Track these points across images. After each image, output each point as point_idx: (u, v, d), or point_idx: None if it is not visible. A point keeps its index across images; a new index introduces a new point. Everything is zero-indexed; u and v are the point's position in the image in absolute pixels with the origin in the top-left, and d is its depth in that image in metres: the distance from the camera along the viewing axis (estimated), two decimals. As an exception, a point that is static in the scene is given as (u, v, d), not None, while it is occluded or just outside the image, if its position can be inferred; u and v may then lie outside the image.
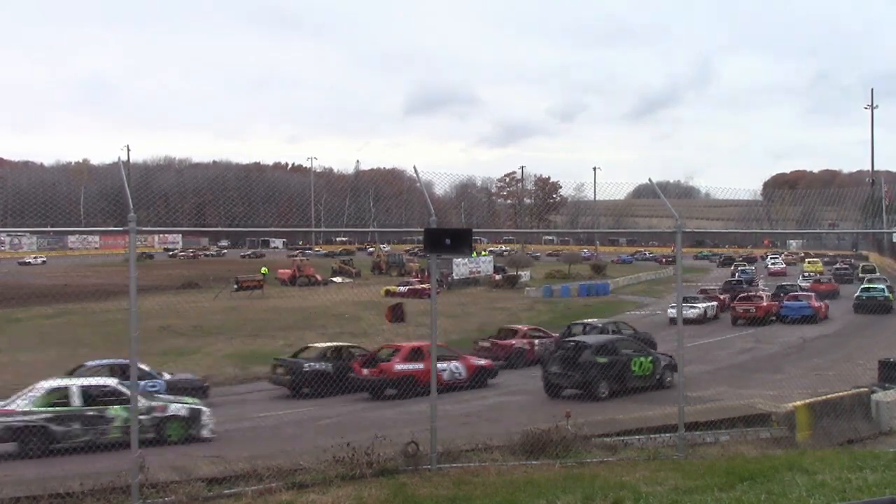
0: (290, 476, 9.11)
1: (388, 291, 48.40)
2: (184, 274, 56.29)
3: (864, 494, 7.48)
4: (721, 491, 7.85)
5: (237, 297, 45.75)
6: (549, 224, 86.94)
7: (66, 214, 64.73)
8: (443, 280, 50.97)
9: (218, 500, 8.62)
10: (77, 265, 70.75)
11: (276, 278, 56.19)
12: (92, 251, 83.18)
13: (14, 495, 8.46)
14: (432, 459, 9.74)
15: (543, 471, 9.69)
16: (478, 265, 59.16)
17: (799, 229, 35.36)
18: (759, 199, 69.40)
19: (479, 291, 53.58)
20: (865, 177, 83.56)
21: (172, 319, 33.02)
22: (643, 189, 38.78)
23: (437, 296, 10.89)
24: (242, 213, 74.60)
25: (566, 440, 10.71)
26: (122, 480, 8.61)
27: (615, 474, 9.07)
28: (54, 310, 38.74)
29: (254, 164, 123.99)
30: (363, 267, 66.66)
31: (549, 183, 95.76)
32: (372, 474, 9.27)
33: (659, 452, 10.87)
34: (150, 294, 36.24)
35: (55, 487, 8.46)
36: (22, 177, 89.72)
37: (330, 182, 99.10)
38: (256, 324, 34.49)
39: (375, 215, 71.56)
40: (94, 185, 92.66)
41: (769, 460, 9.78)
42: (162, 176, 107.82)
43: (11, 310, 37.72)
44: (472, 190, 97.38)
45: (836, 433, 13.98)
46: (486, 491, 8.54)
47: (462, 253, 10.10)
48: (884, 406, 15.09)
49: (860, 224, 32.72)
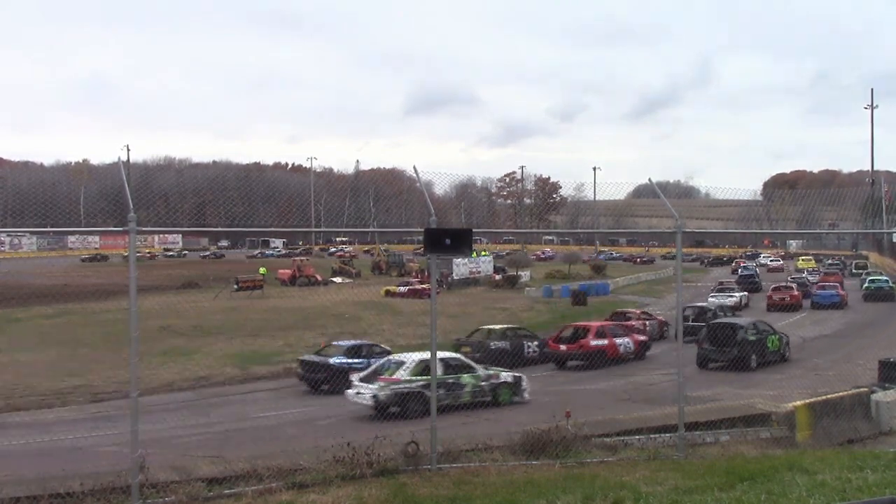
0: (290, 476, 9.11)
1: (389, 291, 48.40)
2: (184, 274, 56.26)
3: (864, 494, 7.47)
4: (721, 491, 7.85)
5: (237, 297, 45.75)
6: (549, 224, 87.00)
7: (66, 214, 64.76)
8: (443, 280, 50.96)
9: (218, 500, 8.62)
10: (77, 265, 70.74)
11: (276, 278, 56.18)
12: (92, 251, 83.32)
13: (14, 495, 8.45)
14: (432, 459, 9.74)
15: (543, 471, 9.69)
16: (478, 265, 59.14)
17: (799, 229, 35.43)
18: (758, 199, 69.50)
19: (479, 291, 53.56)
20: (865, 177, 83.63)
21: (172, 319, 33.01)
22: (643, 189, 38.85)
23: (436, 296, 10.89)
24: (242, 213, 74.69)
25: (566, 440, 10.70)
26: (122, 480, 8.61)
27: (615, 474, 9.06)
28: (54, 310, 38.72)
29: (254, 164, 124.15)
30: (363, 267, 66.66)
31: (549, 183, 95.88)
32: (372, 474, 9.27)
33: (659, 452, 10.87)
34: (150, 294, 36.24)
35: (55, 487, 8.45)
36: (22, 177, 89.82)
37: (330, 182, 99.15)
38: (256, 324, 34.48)
39: (375, 215, 71.57)
40: (94, 185, 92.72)
41: (769, 460, 9.78)
42: (162, 176, 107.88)
43: (11, 310, 37.70)
44: (472, 190, 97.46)
45: (836, 433, 13.98)
46: (487, 491, 8.54)
47: (462, 253, 10.10)
48: (884, 406, 15.10)
49: (860, 224, 32.75)
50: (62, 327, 33.82)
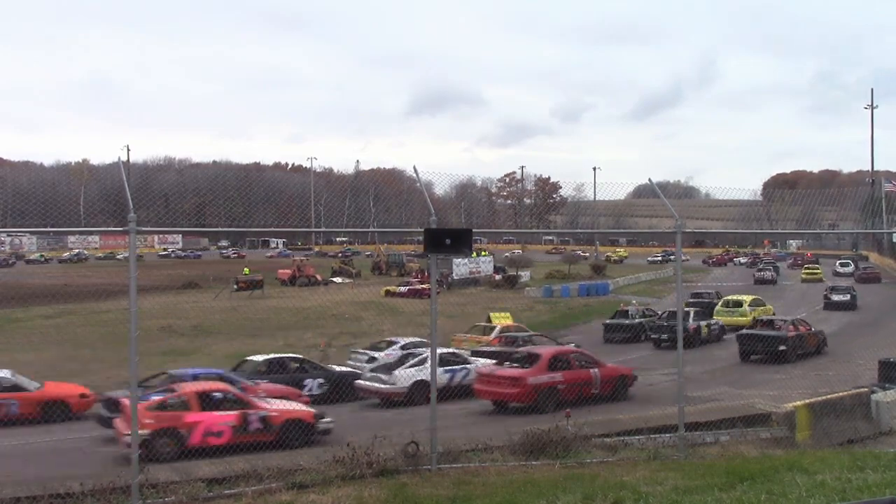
0: (290, 476, 9.12)
1: (388, 291, 48.38)
2: (184, 274, 56.25)
3: (864, 494, 7.47)
4: (721, 491, 7.85)
5: (237, 297, 45.73)
6: (549, 224, 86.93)
7: (66, 214, 64.75)
8: (443, 280, 50.92)
9: (218, 500, 8.62)
10: (76, 266, 70.73)
11: (276, 278, 56.18)
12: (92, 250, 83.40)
13: (14, 495, 8.47)
14: (432, 459, 9.74)
15: (543, 471, 9.68)
16: (478, 265, 59.12)
17: (799, 229, 35.39)
18: (758, 199, 69.36)
19: (479, 291, 53.51)
20: (865, 177, 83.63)
21: (172, 319, 32.99)
22: (643, 189, 38.81)
23: (436, 296, 10.89)
24: (242, 213, 74.65)
25: (566, 440, 10.71)
26: (122, 480, 8.62)
27: (615, 474, 9.06)
28: (54, 310, 38.69)
29: (254, 164, 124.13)
30: (363, 267, 66.62)
31: (549, 183, 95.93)
32: (372, 474, 9.27)
33: (659, 452, 10.87)
34: (150, 294, 36.23)
35: (55, 487, 8.47)
36: (22, 177, 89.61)
37: (330, 182, 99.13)
38: (256, 324, 34.47)
39: (375, 215, 71.55)
40: (94, 185, 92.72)
41: (769, 460, 9.77)
42: (162, 176, 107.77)
43: (11, 310, 37.68)
44: (472, 190, 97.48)
45: (836, 433, 13.98)
46: (487, 491, 8.54)
47: (462, 253, 10.11)
48: (884, 406, 15.09)
49: (860, 224, 32.72)
50: (62, 327, 33.78)
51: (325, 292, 47.41)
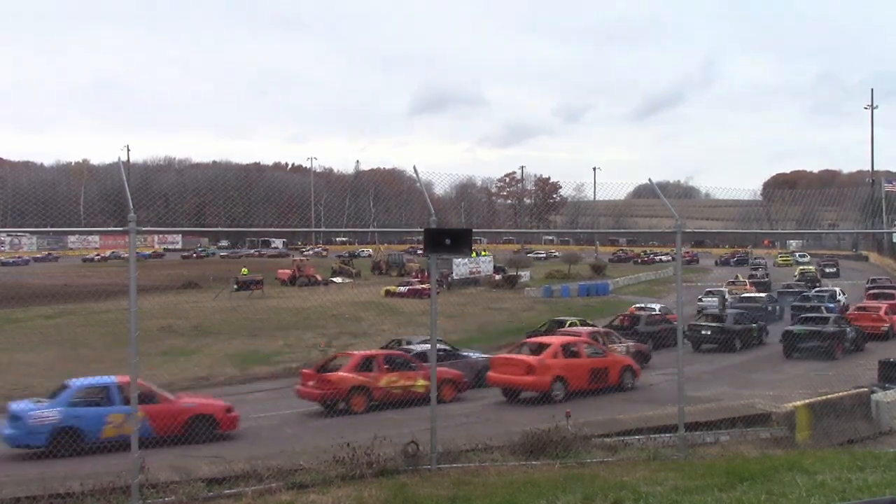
0: (290, 476, 9.11)
1: (389, 291, 48.39)
2: (184, 274, 56.27)
3: (864, 494, 7.47)
4: (721, 491, 7.85)
5: (237, 297, 45.74)
6: (549, 224, 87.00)
7: (66, 214, 64.87)
8: (443, 280, 50.94)
9: (218, 500, 8.62)
10: (76, 266, 70.76)
11: (276, 278, 56.21)
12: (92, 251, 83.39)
13: (14, 495, 8.46)
14: (432, 459, 9.75)
15: (543, 471, 9.68)
16: (478, 265, 59.15)
17: (799, 229, 35.40)
18: (758, 199, 69.47)
19: (478, 291, 53.53)
20: (865, 177, 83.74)
21: (172, 319, 33.00)
22: (643, 189, 38.85)
23: (436, 296, 10.89)
24: (242, 213, 74.75)
25: (566, 440, 10.70)
26: (122, 480, 8.61)
27: (615, 474, 9.06)
28: (54, 310, 38.67)
29: (254, 164, 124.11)
30: (363, 267, 66.64)
31: (549, 183, 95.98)
32: (372, 474, 9.27)
33: (659, 452, 10.86)
34: (150, 294, 36.24)
35: (55, 487, 8.46)
36: (22, 177, 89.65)
37: (330, 182, 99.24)
38: (256, 324, 34.47)
39: (375, 215, 71.60)
40: (94, 185, 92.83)
41: (769, 460, 9.77)
42: (162, 176, 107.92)
43: (11, 310, 37.68)
44: (472, 190, 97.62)
45: (836, 433, 13.97)
46: (486, 491, 8.54)
47: (462, 253, 10.11)
48: (884, 406, 15.09)
49: (860, 224, 32.72)
50: (62, 327, 33.77)
51: (325, 292, 47.44)
